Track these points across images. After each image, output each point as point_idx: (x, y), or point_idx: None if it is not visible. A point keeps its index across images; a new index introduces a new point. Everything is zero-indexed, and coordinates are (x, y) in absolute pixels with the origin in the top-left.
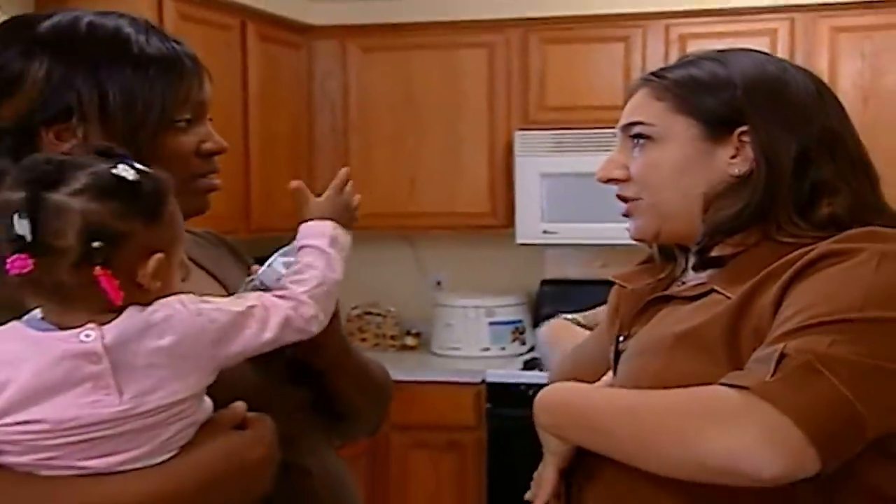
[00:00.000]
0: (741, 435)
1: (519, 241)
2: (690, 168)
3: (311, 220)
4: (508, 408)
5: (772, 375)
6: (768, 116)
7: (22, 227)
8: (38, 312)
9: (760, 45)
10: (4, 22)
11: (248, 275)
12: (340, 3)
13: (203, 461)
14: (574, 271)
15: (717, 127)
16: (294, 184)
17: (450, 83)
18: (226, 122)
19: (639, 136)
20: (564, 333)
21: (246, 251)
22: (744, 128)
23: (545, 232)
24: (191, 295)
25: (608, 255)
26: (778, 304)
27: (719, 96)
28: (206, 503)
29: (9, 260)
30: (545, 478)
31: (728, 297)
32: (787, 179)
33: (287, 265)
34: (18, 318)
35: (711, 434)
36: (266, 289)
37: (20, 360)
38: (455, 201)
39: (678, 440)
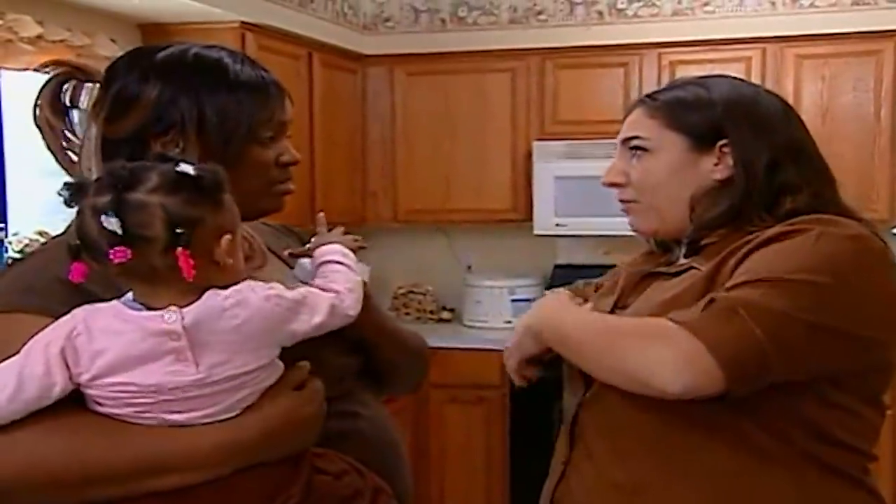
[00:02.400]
0: (662, 353)
1: (536, 232)
2: (679, 174)
3: (324, 244)
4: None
5: (700, 313)
6: (744, 131)
7: (111, 224)
8: (128, 296)
9: (737, 70)
10: (128, 52)
11: (294, 269)
12: (389, 36)
13: (265, 416)
14: (581, 257)
15: (702, 140)
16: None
17: (479, 101)
18: (295, 134)
19: (636, 147)
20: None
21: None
22: (724, 141)
23: (557, 225)
24: (260, 283)
25: (610, 243)
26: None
27: (702, 114)
28: (266, 450)
29: (111, 252)
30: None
31: (701, 270)
32: (760, 183)
33: (311, 262)
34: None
35: (638, 349)
36: (303, 283)
37: (116, 333)
38: (483, 199)
39: (615, 353)
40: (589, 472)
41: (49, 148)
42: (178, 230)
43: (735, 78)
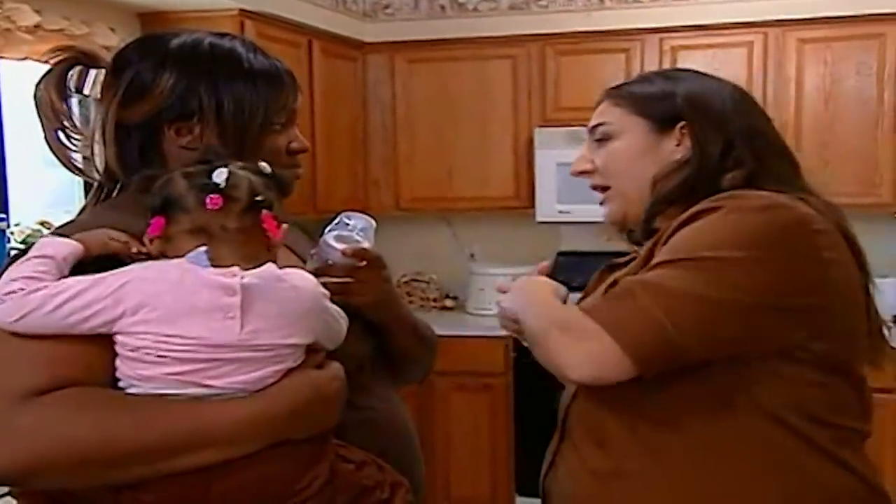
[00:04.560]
0: (570, 343)
1: (539, 219)
2: (642, 155)
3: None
4: (531, 357)
5: (601, 297)
6: (701, 115)
7: (220, 175)
8: (202, 249)
9: (739, 55)
10: (137, 39)
11: (313, 250)
12: (389, 23)
13: (293, 390)
14: (584, 244)
15: (663, 123)
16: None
17: (480, 88)
18: None
19: (602, 134)
20: None
21: (314, 230)
22: (683, 123)
23: (560, 212)
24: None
25: (612, 230)
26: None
27: (665, 102)
28: (294, 425)
29: (208, 199)
30: None
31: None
32: (715, 162)
33: (338, 238)
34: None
35: (556, 343)
36: (326, 261)
37: (174, 282)
38: (486, 187)
39: (543, 346)
40: (573, 460)
41: (45, 132)
42: (258, 198)
43: (700, 72)
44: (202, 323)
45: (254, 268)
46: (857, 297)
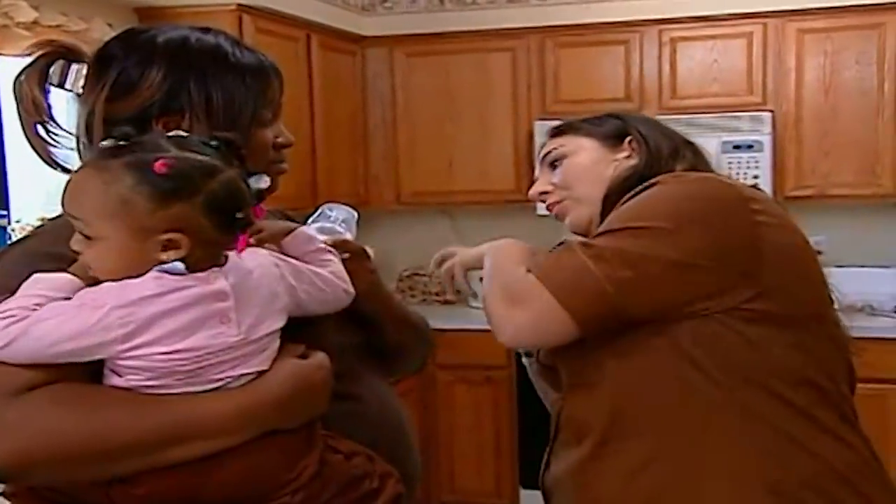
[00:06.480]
0: (511, 310)
1: (539, 212)
2: (598, 162)
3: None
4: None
5: (546, 256)
6: (646, 128)
7: (265, 182)
8: (180, 266)
9: (738, 46)
10: (120, 34)
11: None
12: (388, 16)
13: (280, 380)
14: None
15: (612, 139)
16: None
17: (480, 81)
18: (295, 118)
19: (556, 156)
20: None
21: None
22: (630, 137)
23: None
24: (265, 251)
25: None
26: None
27: (609, 123)
28: (283, 414)
29: (258, 210)
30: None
31: None
32: (666, 157)
33: (320, 230)
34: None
35: (496, 310)
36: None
37: (165, 298)
38: (486, 180)
39: (489, 314)
40: (564, 455)
41: (24, 126)
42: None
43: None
44: (202, 333)
45: (222, 264)
46: (808, 263)
